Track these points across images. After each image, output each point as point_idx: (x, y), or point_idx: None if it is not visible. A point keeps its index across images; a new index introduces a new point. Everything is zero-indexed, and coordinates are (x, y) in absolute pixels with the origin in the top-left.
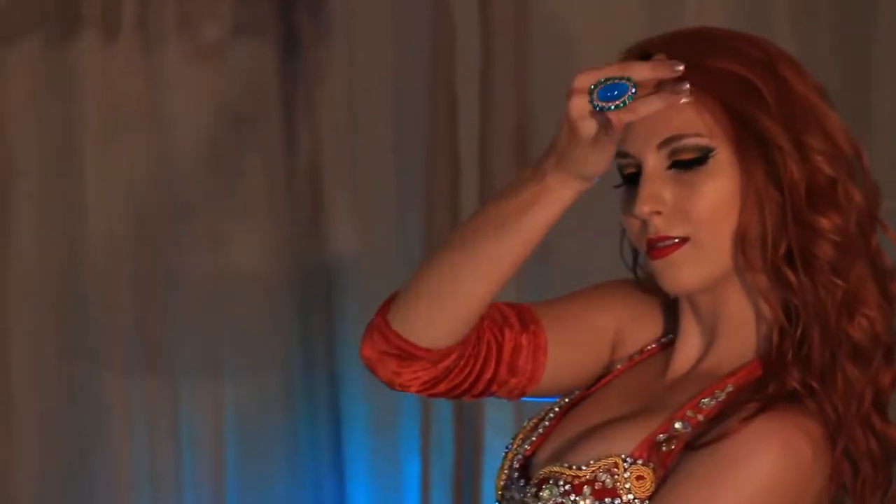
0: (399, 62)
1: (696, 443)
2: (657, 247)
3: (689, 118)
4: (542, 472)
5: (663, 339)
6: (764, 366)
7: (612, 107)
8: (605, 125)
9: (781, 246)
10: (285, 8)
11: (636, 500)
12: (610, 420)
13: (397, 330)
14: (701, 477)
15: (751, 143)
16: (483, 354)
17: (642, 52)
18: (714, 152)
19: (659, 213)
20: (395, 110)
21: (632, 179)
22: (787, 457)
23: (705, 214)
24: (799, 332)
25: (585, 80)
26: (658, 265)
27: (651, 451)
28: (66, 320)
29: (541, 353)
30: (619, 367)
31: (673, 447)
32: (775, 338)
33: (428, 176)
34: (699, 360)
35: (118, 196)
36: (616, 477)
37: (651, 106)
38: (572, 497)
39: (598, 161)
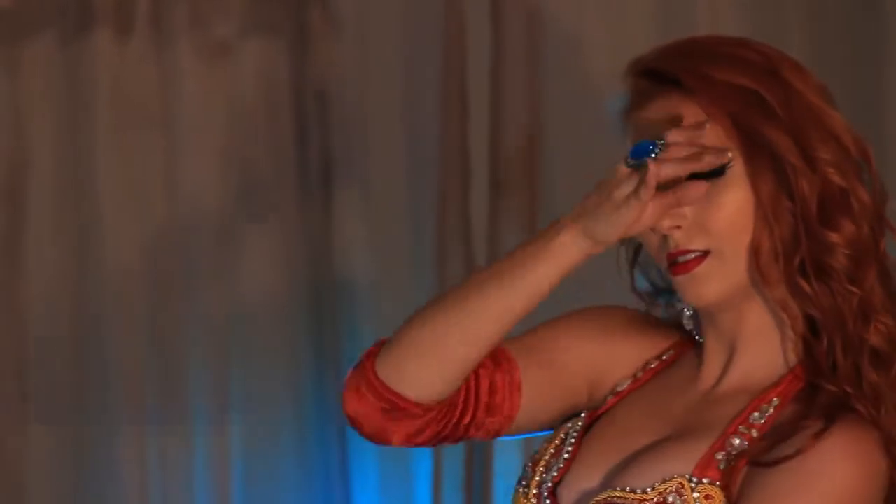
0: (410, 60)
1: (766, 460)
2: (678, 262)
3: (715, 133)
4: (600, 498)
5: (664, 357)
6: (805, 377)
7: (647, 158)
8: (641, 179)
9: (795, 258)
10: (297, 6)
11: None
12: (655, 441)
13: (387, 383)
14: (782, 495)
15: (761, 156)
16: (462, 398)
17: (645, 69)
18: (730, 164)
19: (679, 227)
20: (406, 108)
21: None
22: (865, 468)
23: (724, 226)
24: (825, 341)
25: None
26: (680, 280)
27: (713, 470)
28: (81, 311)
29: (515, 391)
30: (625, 386)
31: (733, 464)
32: (801, 348)
33: (439, 174)
34: (723, 375)
35: (130, 192)
36: (684, 497)
37: (683, 165)
38: None
39: (616, 223)
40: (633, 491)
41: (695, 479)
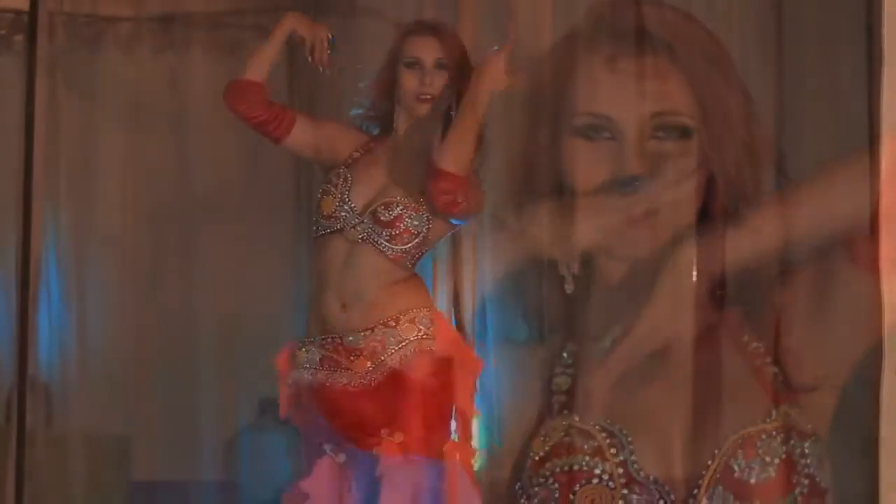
0: None
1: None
2: None
3: (685, 99)
4: (741, 434)
5: None
6: None
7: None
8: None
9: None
10: (303, 11)
11: None
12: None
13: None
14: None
15: (721, 130)
16: None
17: (643, 28)
18: (694, 135)
19: None
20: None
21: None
22: None
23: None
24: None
25: None
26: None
27: (789, 394)
28: (93, 312)
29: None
30: None
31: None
32: None
33: None
34: None
35: (140, 189)
36: (797, 417)
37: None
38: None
39: None
40: (763, 422)
41: (794, 405)
